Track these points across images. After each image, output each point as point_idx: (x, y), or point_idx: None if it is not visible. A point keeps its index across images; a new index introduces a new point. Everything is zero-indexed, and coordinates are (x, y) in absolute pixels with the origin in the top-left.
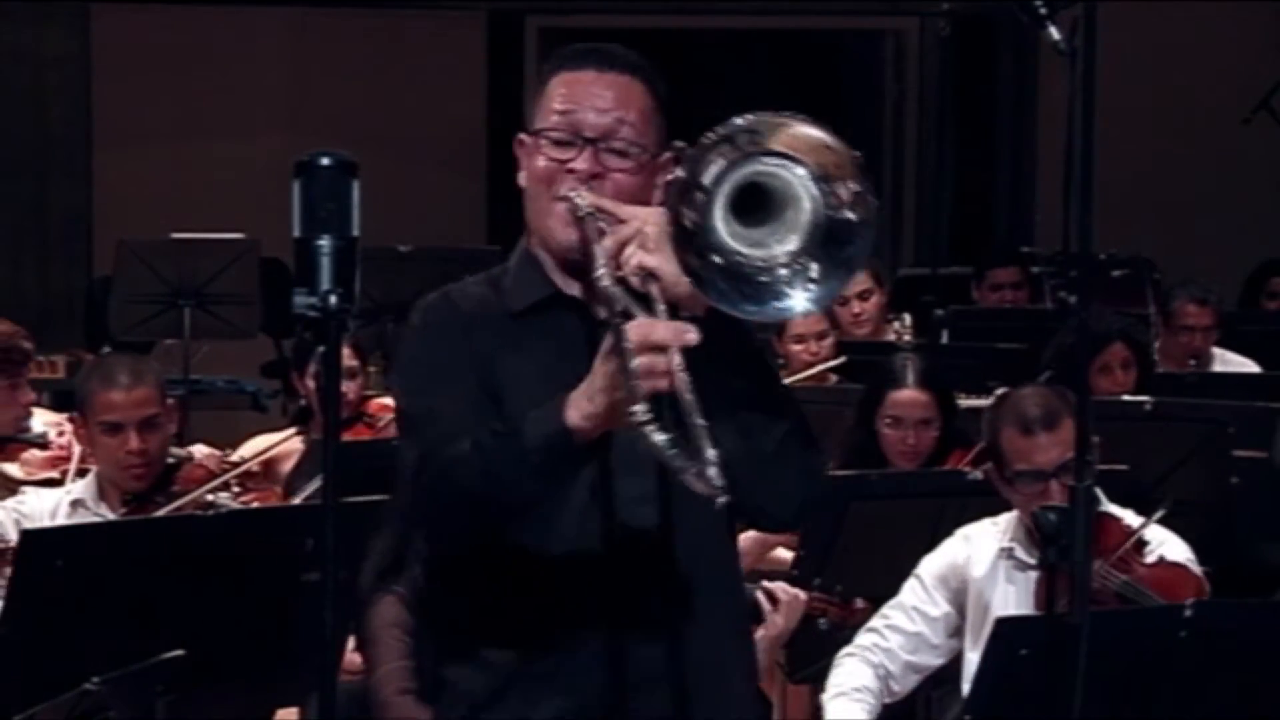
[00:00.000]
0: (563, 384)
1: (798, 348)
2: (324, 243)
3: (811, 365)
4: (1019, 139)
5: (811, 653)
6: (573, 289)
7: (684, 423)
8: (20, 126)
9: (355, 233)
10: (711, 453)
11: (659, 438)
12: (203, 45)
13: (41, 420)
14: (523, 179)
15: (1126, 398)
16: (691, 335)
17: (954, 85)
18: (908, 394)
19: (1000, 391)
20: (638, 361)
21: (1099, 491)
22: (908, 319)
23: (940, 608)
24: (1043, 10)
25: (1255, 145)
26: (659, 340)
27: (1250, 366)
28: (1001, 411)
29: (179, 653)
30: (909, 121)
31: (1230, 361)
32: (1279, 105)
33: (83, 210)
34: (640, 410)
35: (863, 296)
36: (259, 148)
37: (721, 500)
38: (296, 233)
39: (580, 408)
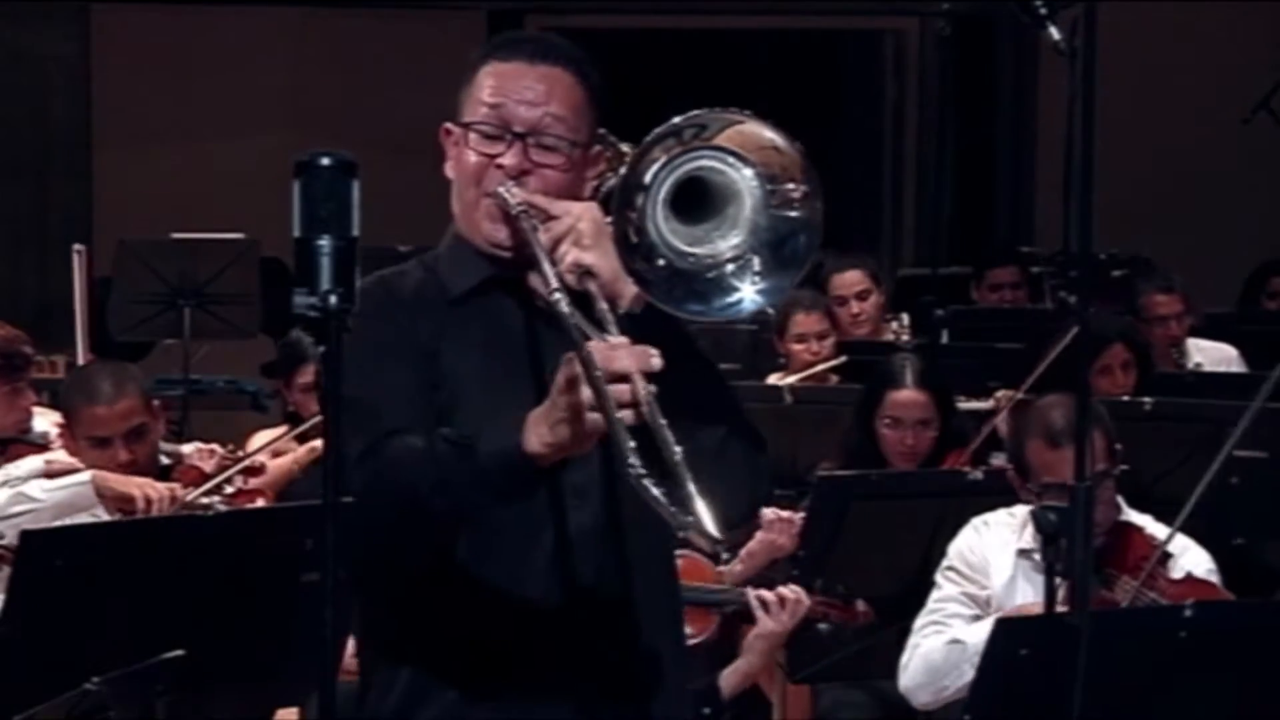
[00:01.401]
0: (504, 371)
1: (799, 347)
2: (324, 243)
3: (812, 365)
4: (1019, 139)
5: (811, 653)
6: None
7: (664, 464)
8: (20, 126)
9: (355, 233)
10: (702, 505)
11: (655, 492)
12: (203, 45)
13: (47, 420)
14: (449, 170)
15: (1126, 398)
16: (656, 360)
17: (954, 85)
18: (906, 394)
19: (1000, 393)
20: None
21: (1121, 500)
22: (906, 319)
23: (984, 590)
24: (1043, 10)
25: (1255, 145)
26: (621, 369)
27: (1227, 350)
28: (1027, 422)
29: (179, 653)
30: (909, 121)
31: (1205, 349)
32: (1279, 105)
33: (83, 210)
34: (637, 465)
35: (861, 296)
36: (259, 148)
37: (725, 557)
38: (296, 233)
39: (540, 435)
